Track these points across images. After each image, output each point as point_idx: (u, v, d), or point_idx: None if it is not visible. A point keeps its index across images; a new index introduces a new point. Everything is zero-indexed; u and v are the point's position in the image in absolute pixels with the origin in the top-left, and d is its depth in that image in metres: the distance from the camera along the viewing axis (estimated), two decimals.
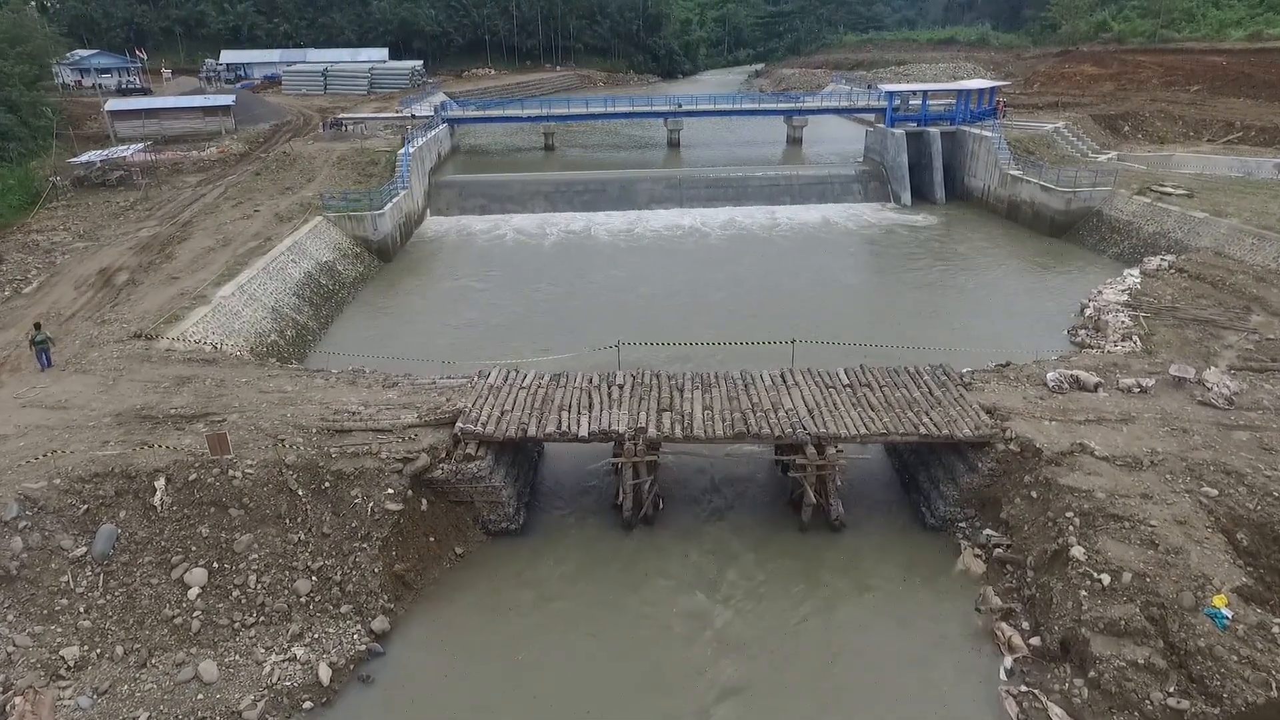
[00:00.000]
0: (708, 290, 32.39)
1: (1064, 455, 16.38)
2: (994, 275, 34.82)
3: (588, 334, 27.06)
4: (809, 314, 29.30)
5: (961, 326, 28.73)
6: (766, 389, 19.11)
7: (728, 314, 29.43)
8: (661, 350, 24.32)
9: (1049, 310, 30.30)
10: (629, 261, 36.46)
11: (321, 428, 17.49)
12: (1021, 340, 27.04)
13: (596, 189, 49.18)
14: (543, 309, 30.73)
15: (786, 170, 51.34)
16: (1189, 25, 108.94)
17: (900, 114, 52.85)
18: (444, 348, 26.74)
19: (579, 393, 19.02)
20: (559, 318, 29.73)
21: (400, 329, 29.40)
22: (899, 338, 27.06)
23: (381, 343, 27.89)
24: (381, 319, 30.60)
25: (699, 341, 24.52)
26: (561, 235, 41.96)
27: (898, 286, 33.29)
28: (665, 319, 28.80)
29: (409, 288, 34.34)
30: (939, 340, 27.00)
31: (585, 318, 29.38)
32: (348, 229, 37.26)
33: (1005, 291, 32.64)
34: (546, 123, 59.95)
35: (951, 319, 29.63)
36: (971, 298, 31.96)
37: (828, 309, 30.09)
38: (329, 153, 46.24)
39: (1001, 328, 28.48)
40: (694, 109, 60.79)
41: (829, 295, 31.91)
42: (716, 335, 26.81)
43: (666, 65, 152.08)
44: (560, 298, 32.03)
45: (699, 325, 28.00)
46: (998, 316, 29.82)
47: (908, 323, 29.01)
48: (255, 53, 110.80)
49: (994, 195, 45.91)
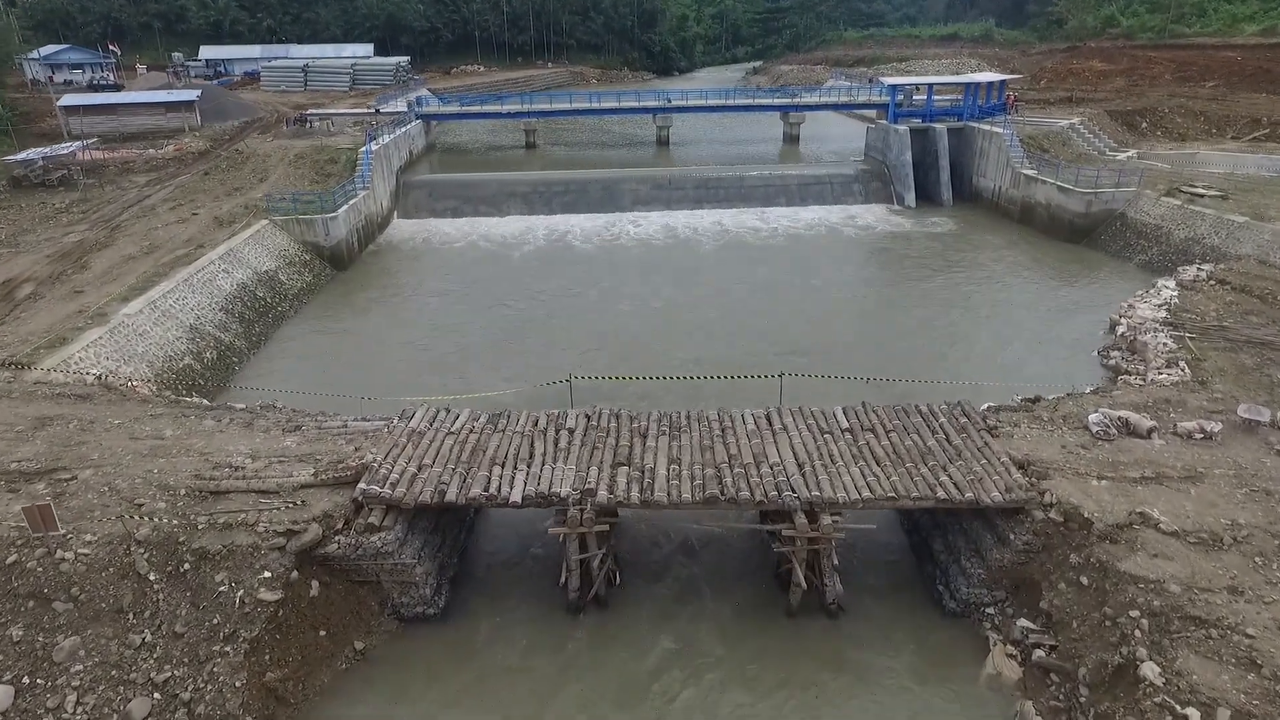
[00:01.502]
0: (689, 308, 28.71)
1: (1120, 529, 12.93)
2: (1009, 287, 31.33)
3: (549, 360, 23.75)
4: (802, 336, 25.92)
5: (976, 349, 25.26)
6: (748, 434, 15.66)
7: (709, 337, 25.83)
8: (624, 387, 20.74)
9: (1075, 328, 26.82)
10: (606, 273, 32.87)
11: (192, 488, 14.04)
12: (1047, 365, 23.66)
13: (577, 190, 45.72)
14: (503, 330, 27.12)
15: (782, 170, 47.89)
16: (1200, 21, 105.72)
17: (904, 110, 49.36)
18: (382, 376, 23.36)
19: (519, 439, 15.57)
20: (520, 340, 26.18)
21: (340, 351, 25.94)
22: (906, 364, 23.67)
23: (315, 367, 24.51)
24: (321, 339, 27.10)
25: (667, 376, 20.78)
26: (537, 241, 38.48)
27: (903, 301, 29.77)
28: (638, 343, 25.30)
29: (361, 302, 30.84)
30: (952, 367, 23.66)
31: (549, 341, 25.82)
32: (296, 234, 33.80)
33: (1023, 306, 29.14)
34: (527, 119, 56.46)
35: (964, 339, 26.14)
36: (986, 313, 28.47)
37: (823, 329, 26.66)
38: (286, 151, 42.77)
39: (1022, 350, 25.02)
40: (684, 104, 57.31)
41: (825, 312, 28.39)
42: (694, 363, 23.43)
43: (662, 62, 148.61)
44: (525, 316, 28.39)
45: (676, 350, 24.55)
46: (1017, 336, 26.33)
47: (915, 345, 25.53)
48: (236, 48, 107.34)
49: (1005, 196, 42.45)
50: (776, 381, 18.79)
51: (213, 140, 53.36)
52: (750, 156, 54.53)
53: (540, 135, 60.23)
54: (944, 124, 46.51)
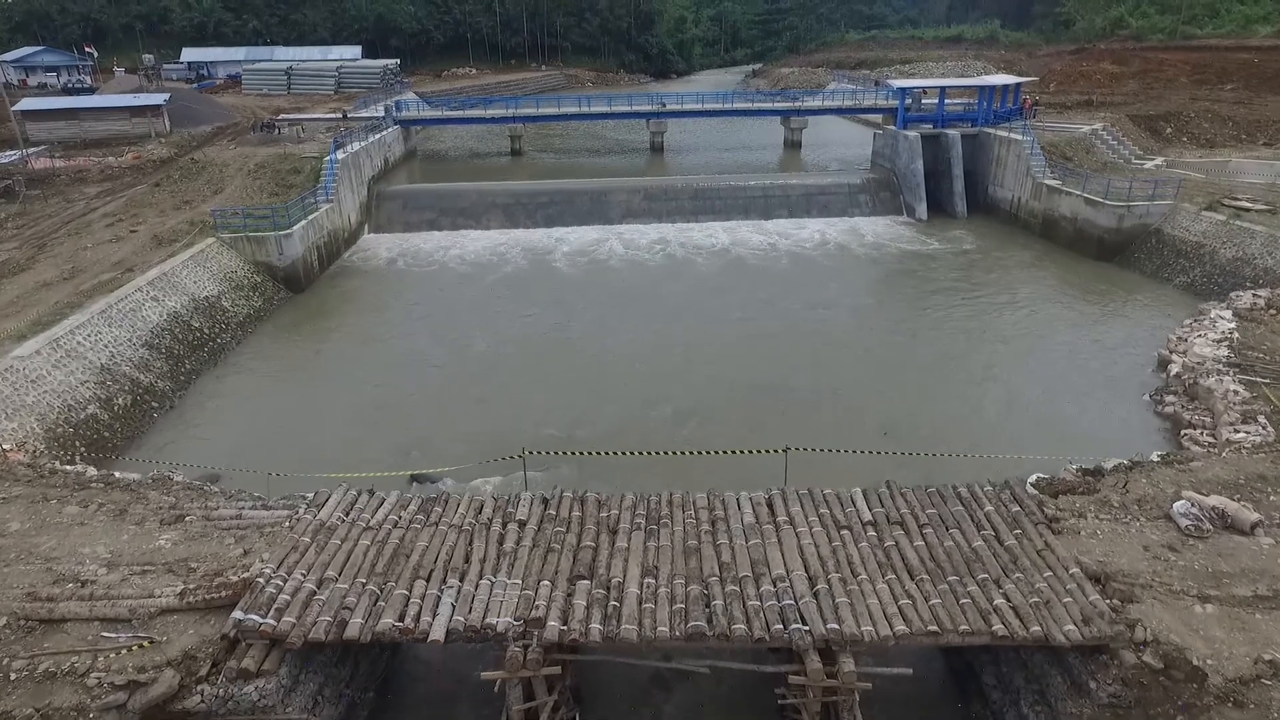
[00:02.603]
0: (677, 350, 24.77)
1: (1245, 684, 9.63)
2: (1037, 313, 28.00)
3: (508, 419, 20.42)
4: (808, 382, 22.57)
5: (1007, 393, 21.90)
6: (745, 530, 12.36)
7: (699, 387, 22.11)
8: (588, 463, 17.27)
9: (1117, 364, 23.52)
10: (587, 303, 29.17)
11: (17, 615, 10.73)
12: (1092, 414, 20.39)
13: (563, 201, 42.46)
14: (461, 376, 23.30)
15: (783, 179, 44.60)
16: (1212, 22, 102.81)
17: (913, 114, 46.10)
18: (310, 435, 20.14)
19: (455, 537, 12.27)
20: (480, 386, 22.60)
21: (273, 397, 22.58)
22: (929, 416, 20.36)
23: (241, 418, 21.22)
24: (255, 381, 23.69)
25: (644, 452, 17.25)
26: (516, 260, 35.08)
27: (920, 331, 26.35)
28: (615, 395, 21.80)
29: (310, 333, 27.50)
30: (982, 417, 20.31)
31: (511, 392, 22.08)
32: (246, 253, 30.52)
33: (1055, 337, 25.77)
34: (512, 124, 53.22)
35: (993, 380, 22.78)
36: (1014, 346, 25.08)
37: (832, 371, 23.26)
38: (246, 160, 39.47)
39: (1061, 394, 21.67)
40: (679, 109, 54.06)
41: (834, 350, 24.83)
42: (681, 419, 20.09)
43: (659, 64, 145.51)
44: (488, 359, 24.45)
45: (660, 402, 21.07)
46: (1052, 374, 22.97)
47: (938, 388, 22.18)
48: (219, 50, 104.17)
49: (1025, 209, 39.18)
50: (780, 457, 15.37)
51: (178, 147, 50.16)
52: (749, 164, 51.29)
53: (527, 141, 56.96)
54: (958, 129, 43.26)
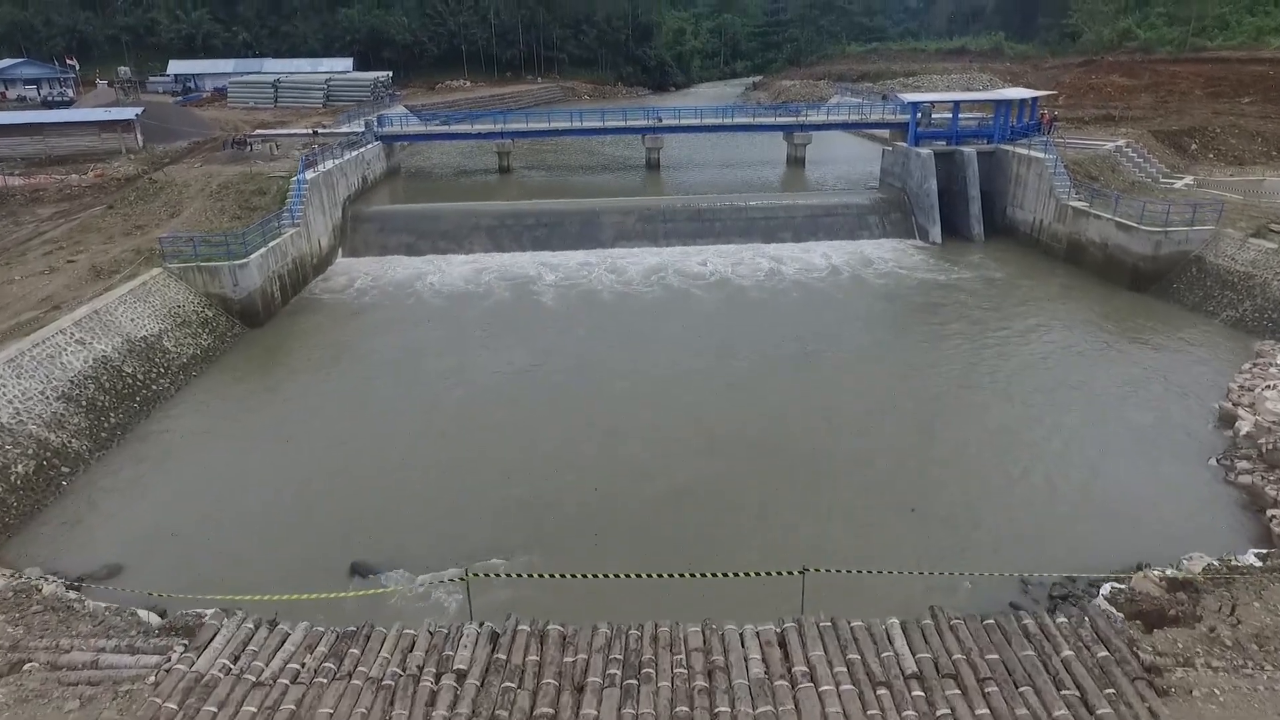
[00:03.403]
0: (664, 411, 21.27)
1: None
2: (1071, 353, 25.05)
3: (466, 500, 17.52)
4: (818, 445, 19.64)
5: (1049, 458, 18.81)
6: (752, 690, 9.44)
7: (690, 459, 18.99)
8: (547, 589, 14.28)
9: (1173, 420, 20.59)
10: (570, 345, 25.80)
11: None
12: (1154, 488, 17.44)
13: (552, 222, 39.68)
14: (424, 438, 20.10)
15: (787, 199, 41.87)
16: (1222, 33, 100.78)
17: (925, 130, 43.40)
18: (240, 511, 17.22)
19: (371, 696, 9.34)
20: (443, 456, 19.39)
21: (204, 460, 19.54)
22: (959, 492, 17.44)
23: (163, 485, 18.32)
24: (188, 437, 20.66)
25: (619, 575, 13.47)
26: (499, 288, 32.16)
27: (940, 381, 23.19)
28: (593, 469, 18.63)
29: (262, 378, 24.55)
30: (1022, 494, 17.38)
31: (466, 471, 18.69)
32: (197, 285, 27.68)
33: (1095, 385, 22.76)
34: (500, 140, 50.52)
35: (1030, 443, 19.65)
36: (1051, 399, 22.03)
37: (845, 432, 20.25)
38: (210, 179, 36.70)
39: (1112, 461, 18.64)
40: (676, 124, 51.41)
41: (844, 406, 21.55)
42: (665, 505, 17.10)
43: (658, 77, 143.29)
44: (456, 416, 21.25)
45: (642, 484, 17.95)
46: (1098, 435, 19.93)
47: (965, 456, 19.11)
48: (207, 63, 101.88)
49: (1048, 232, 36.39)
50: (792, 569, 12.40)
51: (147, 164, 47.54)
52: (750, 182, 48.56)
53: (516, 157, 54.20)
54: (973, 146, 40.54)
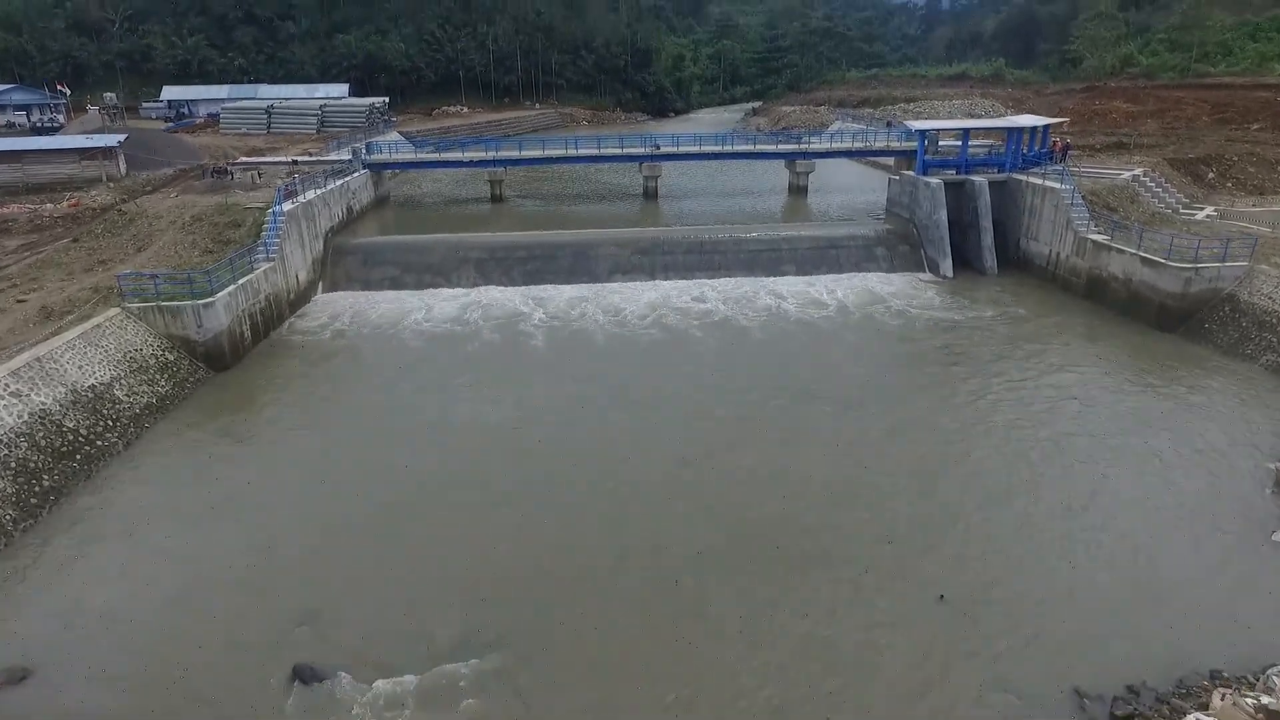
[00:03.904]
0: (656, 478, 19.17)
1: None
2: (1103, 406, 22.95)
3: (425, 594, 15.47)
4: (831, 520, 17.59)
5: (1090, 540, 16.63)
6: None
7: (686, 541, 16.79)
8: (517, 699, 11.95)
9: (1221, 483, 18.53)
10: (560, 397, 23.62)
11: None
12: (1214, 573, 15.34)
13: (544, 255, 37.84)
14: (385, 514, 17.97)
15: (789, 230, 40.06)
16: (1225, 59, 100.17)
17: (933, 159, 41.73)
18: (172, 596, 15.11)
19: None
20: (407, 536, 17.13)
21: (141, 531, 17.44)
22: (994, 576, 15.37)
23: (91, 565, 16.20)
24: (126, 506, 18.58)
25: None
26: (485, 328, 30.12)
27: (959, 441, 20.92)
28: (572, 555, 16.40)
29: (219, 432, 22.40)
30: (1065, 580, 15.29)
31: (443, 548, 16.65)
32: (158, 326, 25.73)
33: (1132, 442, 20.68)
34: (492, 168, 48.87)
35: (1064, 519, 17.51)
36: (1085, 462, 19.95)
37: (858, 504, 18.17)
38: (183, 211, 34.89)
39: (1162, 538, 16.56)
40: (674, 152, 49.81)
41: (858, 473, 19.33)
42: (655, 608, 15.00)
43: (656, 102, 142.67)
44: (425, 486, 19.11)
45: (630, 573, 15.92)
46: (1141, 504, 17.80)
47: (997, 532, 16.96)
48: (201, 89, 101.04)
49: (1066, 266, 34.53)
50: None
51: (127, 193, 45.95)
52: (751, 212, 46.81)
53: (509, 186, 52.53)
54: (984, 176, 38.81)
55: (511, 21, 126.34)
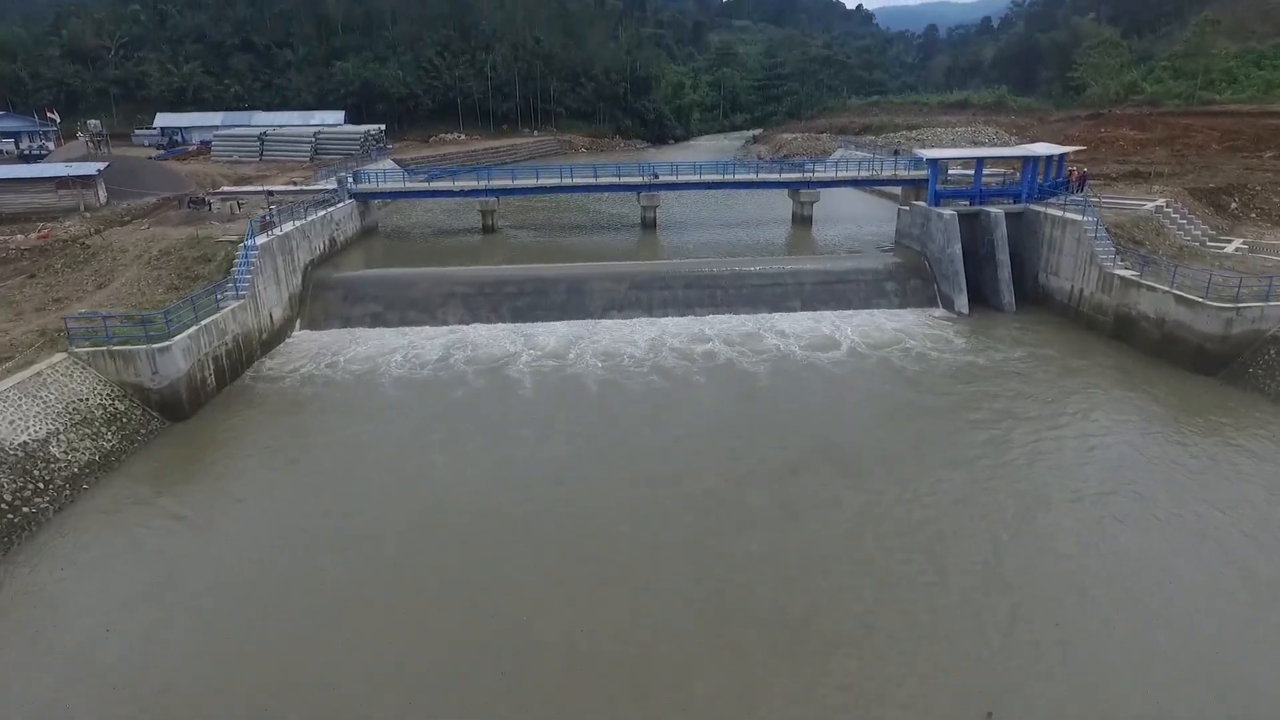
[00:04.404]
0: (653, 557, 16.86)
1: None
2: (1146, 465, 20.66)
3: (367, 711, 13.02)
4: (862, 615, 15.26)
5: (1155, 638, 14.28)
6: None
7: (691, 640, 14.52)
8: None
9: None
10: (545, 459, 21.20)
11: None
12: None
13: (535, 290, 35.75)
14: (337, 599, 15.65)
15: (794, 264, 38.01)
16: (1230, 87, 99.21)
17: (945, 189, 39.82)
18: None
19: None
20: (353, 638, 14.79)
21: (56, 622, 15.13)
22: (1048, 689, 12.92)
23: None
24: (49, 589, 16.29)
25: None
26: (469, 373, 27.87)
27: (990, 510, 18.57)
28: (540, 676, 14.24)
29: (165, 494, 20.10)
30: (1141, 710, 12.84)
31: (389, 657, 14.34)
32: (108, 372, 23.54)
33: (1186, 513, 18.30)
34: (483, 198, 47.00)
35: (1120, 609, 15.15)
36: (1137, 536, 17.59)
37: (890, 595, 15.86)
38: (153, 244, 32.87)
39: (1241, 638, 14.22)
40: (674, 181, 47.96)
41: (884, 558, 16.78)
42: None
43: (656, 130, 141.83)
44: (383, 566, 16.72)
45: (617, 693, 13.63)
46: (1208, 594, 15.43)
47: (1044, 632, 14.63)
48: (195, 115, 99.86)
49: (1091, 303, 32.39)
50: None
51: (103, 223, 44.00)
52: (753, 243, 44.81)
53: (503, 216, 50.63)
54: (1000, 207, 36.84)
55: (510, 49, 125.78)
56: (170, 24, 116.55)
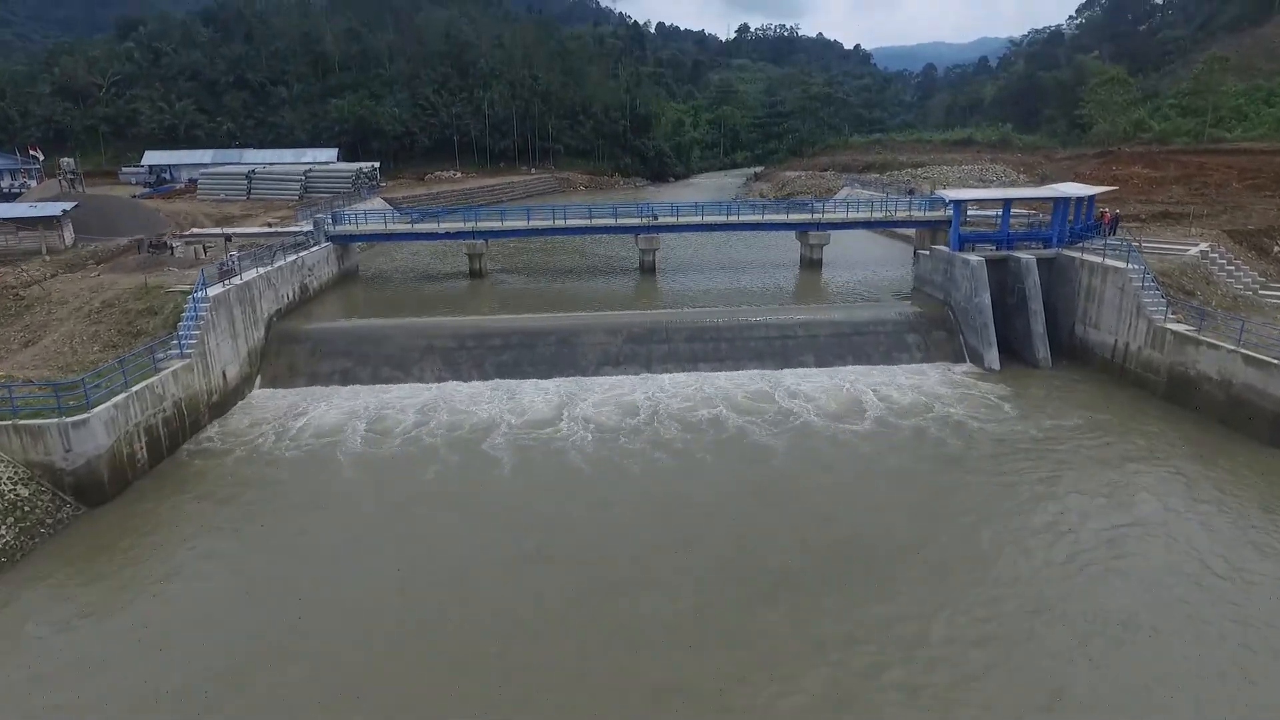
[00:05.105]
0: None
1: None
2: (1239, 576, 17.10)
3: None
4: None
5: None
6: None
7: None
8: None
9: None
10: (516, 566, 17.74)
11: None
12: None
13: (523, 343, 32.49)
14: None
15: (806, 314, 34.76)
16: (1240, 124, 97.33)
17: (970, 232, 36.78)
18: None
19: None
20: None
21: None
22: None
23: None
24: None
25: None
26: (444, 448, 24.05)
27: (1063, 649, 15.38)
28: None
29: (60, 605, 16.64)
30: None
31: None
32: (13, 451, 20.16)
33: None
34: (470, 240, 43.96)
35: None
36: (1258, 674, 14.14)
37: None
38: (97, 294, 29.65)
39: None
40: (674, 223, 44.98)
41: (921, 687, 13.93)
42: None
43: (656, 167, 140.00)
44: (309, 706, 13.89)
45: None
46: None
47: None
48: (185, 153, 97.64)
49: (1140, 360, 29.05)
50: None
51: (64, 267, 40.84)
52: (760, 289, 41.64)
53: (492, 259, 47.56)
54: (1030, 252, 33.71)
55: (508, 86, 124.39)
56: (165, 61, 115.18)
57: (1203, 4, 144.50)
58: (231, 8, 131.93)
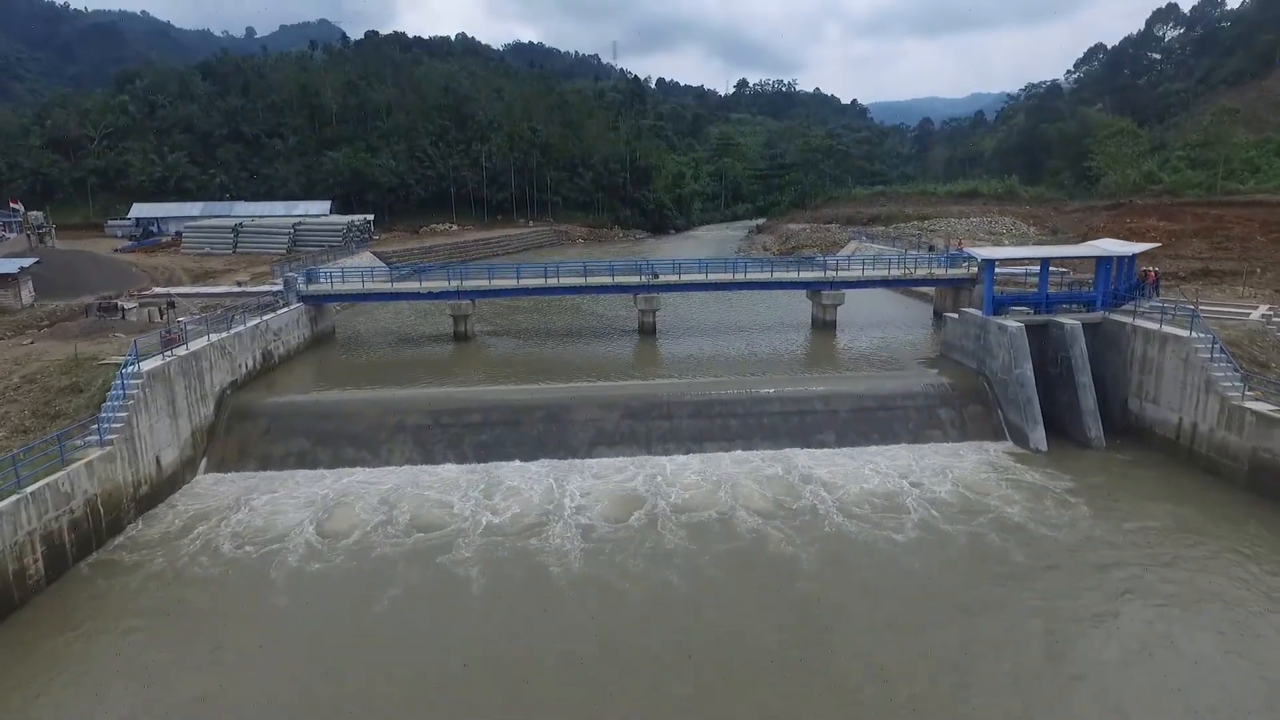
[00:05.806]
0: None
1: None
2: None
3: None
4: None
5: None
6: None
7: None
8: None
9: None
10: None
11: None
12: None
13: (506, 420, 28.82)
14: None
15: (824, 386, 31.08)
16: (1254, 177, 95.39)
17: (1004, 295, 33.40)
18: None
19: None
20: None
21: None
22: None
23: None
24: None
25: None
26: (403, 562, 19.98)
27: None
28: None
29: None
30: None
31: None
32: None
33: None
34: (455, 300, 40.59)
35: None
36: None
37: None
38: (20, 366, 26.05)
39: None
40: (675, 282, 41.68)
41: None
42: None
43: (656, 220, 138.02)
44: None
45: None
46: None
47: None
48: (173, 206, 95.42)
49: (1212, 443, 25.27)
50: None
51: (15, 329, 37.57)
52: (770, 354, 38.08)
53: (479, 320, 44.15)
54: (1074, 317, 30.22)
55: (507, 138, 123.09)
56: (160, 114, 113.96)
57: (1201, 58, 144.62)
58: (230, 61, 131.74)
